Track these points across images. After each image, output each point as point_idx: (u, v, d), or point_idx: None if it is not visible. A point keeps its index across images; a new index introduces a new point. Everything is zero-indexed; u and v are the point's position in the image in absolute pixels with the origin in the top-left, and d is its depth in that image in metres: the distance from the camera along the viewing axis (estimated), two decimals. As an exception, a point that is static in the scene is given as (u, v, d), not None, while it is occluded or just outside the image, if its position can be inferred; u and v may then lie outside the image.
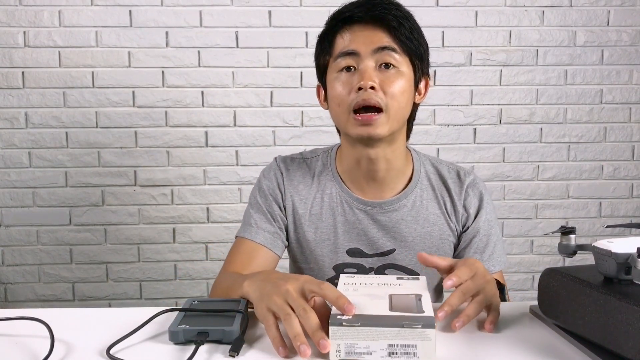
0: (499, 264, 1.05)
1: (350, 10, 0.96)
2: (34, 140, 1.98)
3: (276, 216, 1.06)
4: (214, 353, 0.67)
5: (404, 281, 0.77)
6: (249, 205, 1.10)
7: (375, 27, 0.94)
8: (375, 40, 0.93)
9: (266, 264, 1.03)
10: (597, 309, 0.64)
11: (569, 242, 0.77)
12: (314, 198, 1.06)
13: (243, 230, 1.06)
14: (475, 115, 2.07)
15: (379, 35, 0.94)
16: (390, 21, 0.93)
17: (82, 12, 1.94)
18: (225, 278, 0.98)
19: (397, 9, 0.96)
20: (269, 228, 1.05)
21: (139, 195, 2.02)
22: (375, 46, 0.93)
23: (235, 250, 1.05)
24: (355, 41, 0.94)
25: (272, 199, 1.07)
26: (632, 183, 2.14)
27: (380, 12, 0.94)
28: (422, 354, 0.62)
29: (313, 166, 1.10)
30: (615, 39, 2.06)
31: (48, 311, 0.82)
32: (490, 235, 1.05)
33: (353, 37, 0.95)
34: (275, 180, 1.08)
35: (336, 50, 0.97)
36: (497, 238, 1.06)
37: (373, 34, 0.94)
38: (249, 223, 1.06)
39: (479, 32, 2.03)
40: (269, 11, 1.98)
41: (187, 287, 2.07)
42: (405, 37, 0.95)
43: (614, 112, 2.10)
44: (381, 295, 0.71)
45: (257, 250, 1.03)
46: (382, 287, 0.74)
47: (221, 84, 2.00)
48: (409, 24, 0.96)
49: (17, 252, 2.02)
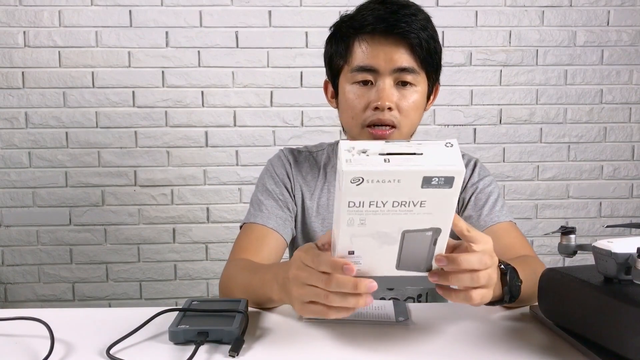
0: (504, 216, 1.01)
1: (372, 23, 0.93)
2: (34, 140, 1.98)
3: (288, 203, 1.05)
4: (214, 353, 0.67)
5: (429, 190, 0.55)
6: (257, 192, 1.07)
7: (396, 43, 0.92)
8: (395, 59, 0.92)
9: (277, 250, 1.01)
10: (597, 309, 0.64)
11: (569, 242, 0.77)
12: (321, 190, 1.07)
13: (253, 216, 1.03)
14: (475, 115, 2.07)
15: (399, 54, 0.92)
16: (412, 38, 0.92)
17: (82, 12, 1.94)
18: (238, 268, 0.94)
19: (418, 18, 0.94)
20: (281, 214, 1.03)
21: (139, 195, 2.02)
22: (395, 66, 0.92)
23: (245, 236, 1.02)
24: (375, 57, 0.93)
25: (283, 186, 1.06)
26: (632, 183, 2.14)
27: (404, 29, 0.91)
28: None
29: (319, 159, 1.10)
30: (615, 39, 2.06)
31: (48, 311, 0.82)
32: (491, 193, 1.03)
33: (373, 51, 0.93)
34: (284, 169, 1.08)
35: (354, 61, 0.95)
36: (498, 196, 1.04)
37: (393, 52, 0.92)
38: (259, 209, 1.03)
39: (479, 32, 2.03)
40: (269, 11, 1.98)
41: (187, 287, 2.07)
42: (426, 52, 0.94)
43: (614, 112, 2.10)
44: (393, 235, 0.59)
45: (268, 236, 1.00)
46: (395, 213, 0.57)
47: (221, 84, 2.00)
48: (429, 34, 0.94)
49: (17, 252, 2.02)
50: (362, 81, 0.95)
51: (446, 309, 0.85)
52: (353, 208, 0.56)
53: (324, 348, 0.70)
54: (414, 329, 0.76)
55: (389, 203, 0.56)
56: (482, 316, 0.77)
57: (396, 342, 0.71)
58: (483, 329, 0.76)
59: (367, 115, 0.94)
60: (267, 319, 0.81)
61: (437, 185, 0.55)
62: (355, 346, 0.70)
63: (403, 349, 0.69)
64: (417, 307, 0.86)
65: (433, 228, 0.59)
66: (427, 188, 0.55)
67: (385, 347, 0.70)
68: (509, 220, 1.01)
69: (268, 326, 0.77)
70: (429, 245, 0.60)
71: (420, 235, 0.59)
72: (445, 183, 0.54)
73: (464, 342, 0.71)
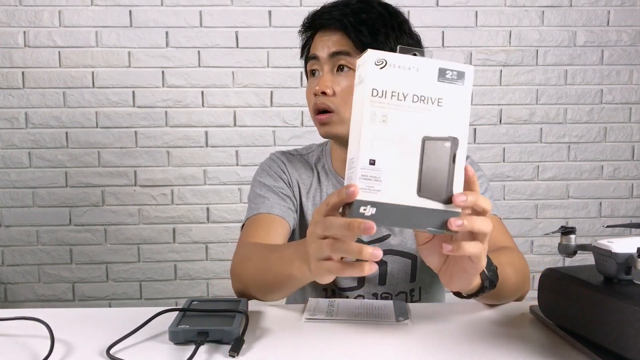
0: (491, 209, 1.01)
1: (320, 16, 0.99)
2: (34, 140, 1.98)
3: (289, 196, 1.06)
4: (214, 353, 0.67)
5: (445, 86, 0.61)
6: (255, 189, 1.07)
7: (332, 31, 0.97)
8: (330, 45, 0.96)
9: (284, 235, 1.00)
10: (597, 309, 0.64)
11: (569, 242, 0.77)
12: (315, 189, 1.08)
13: (255, 209, 1.02)
14: (475, 115, 2.07)
15: (334, 39, 0.96)
16: (344, 22, 0.95)
17: (82, 12, 1.94)
18: (252, 249, 0.91)
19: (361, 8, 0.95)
20: (283, 203, 1.03)
21: (139, 195, 2.02)
22: (330, 51, 0.96)
23: (251, 227, 1.00)
24: (316, 46, 0.99)
25: (281, 180, 1.07)
26: (632, 183, 2.14)
27: (336, 15, 0.96)
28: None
29: (310, 160, 1.12)
30: (615, 39, 2.06)
31: (48, 311, 0.82)
32: (479, 185, 1.03)
33: (316, 42, 0.99)
34: (280, 168, 1.09)
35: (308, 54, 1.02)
36: (486, 191, 1.04)
37: (329, 39, 0.97)
38: (261, 202, 1.03)
39: (479, 32, 2.03)
40: (269, 11, 1.98)
41: (187, 287, 2.07)
42: (364, 36, 0.94)
43: (614, 112, 2.10)
44: (413, 141, 0.60)
45: (275, 222, 1.00)
46: (415, 111, 0.60)
47: (221, 84, 2.00)
48: (369, 17, 0.94)
49: (17, 252, 2.02)
50: (311, 71, 1.01)
51: (446, 309, 0.85)
52: (376, 98, 0.59)
53: (324, 348, 0.70)
54: (414, 329, 0.76)
55: (409, 97, 0.60)
56: (482, 316, 0.77)
57: (396, 342, 0.71)
58: (483, 328, 0.76)
59: (313, 102, 0.99)
60: (267, 319, 0.81)
61: (451, 80, 0.61)
62: (355, 346, 0.70)
63: (403, 349, 0.69)
64: (417, 307, 0.86)
65: (451, 137, 0.61)
66: (442, 82, 0.61)
67: (385, 347, 0.70)
68: (494, 214, 1.02)
69: (268, 326, 0.77)
70: (449, 161, 0.61)
71: (440, 146, 0.61)
72: (458, 78, 0.61)
73: (463, 342, 0.71)
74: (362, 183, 0.59)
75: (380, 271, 1.04)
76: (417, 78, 0.60)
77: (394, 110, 0.60)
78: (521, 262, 0.90)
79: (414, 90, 0.60)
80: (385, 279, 1.04)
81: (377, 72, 0.59)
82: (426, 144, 0.60)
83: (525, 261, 0.93)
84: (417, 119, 0.60)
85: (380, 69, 0.59)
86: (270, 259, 0.83)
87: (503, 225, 1.03)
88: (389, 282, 1.04)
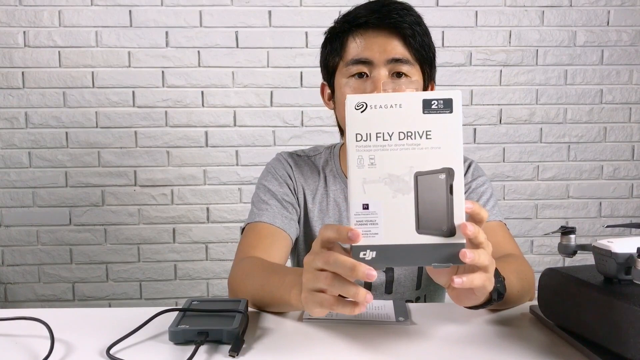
0: (494, 215, 1.01)
1: (365, 15, 0.94)
2: (34, 140, 1.98)
3: (292, 204, 1.04)
4: (214, 353, 0.67)
5: (431, 117, 0.59)
6: (259, 193, 1.05)
7: (389, 35, 0.93)
8: (389, 50, 0.93)
9: (286, 249, 0.99)
10: (597, 309, 0.64)
11: (569, 242, 0.77)
12: (322, 194, 1.06)
13: (258, 215, 1.01)
14: (475, 115, 2.07)
15: (392, 45, 0.93)
16: (405, 29, 0.92)
17: (82, 12, 1.94)
18: (253, 266, 0.89)
19: (411, 14, 0.95)
20: (286, 214, 1.02)
21: (139, 195, 2.02)
22: (389, 57, 0.93)
23: (252, 235, 0.99)
24: (369, 49, 0.93)
25: (286, 186, 1.05)
26: (632, 183, 2.14)
27: (396, 20, 0.92)
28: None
29: (317, 163, 1.10)
30: (615, 39, 2.06)
31: (48, 311, 0.82)
32: (484, 192, 1.04)
33: (367, 44, 0.94)
34: (286, 171, 1.07)
35: (348, 55, 0.96)
36: (491, 196, 1.04)
37: (387, 43, 0.93)
38: (264, 208, 1.01)
39: (479, 32, 2.03)
40: (269, 11, 1.98)
41: (187, 287, 2.07)
42: (419, 45, 0.94)
43: (614, 112, 2.10)
44: (405, 178, 0.59)
45: (276, 234, 0.99)
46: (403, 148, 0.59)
47: (221, 84, 2.00)
48: (422, 29, 0.95)
49: (17, 252, 2.02)
50: (358, 74, 0.95)
51: (446, 309, 0.85)
52: (361, 142, 0.59)
53: (324, 348, 0.70)
54: (414, 329, 0.76)
55: (395, 135, 0.59)
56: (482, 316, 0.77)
57: (396, 342, 0.71)
58: (483, 329, 0.76)
59: None
60: (267, 319, 0.81)
61: (437, 110, 0.58)
62: (355, 346, 0.70)
63: (403, 349, 0.69)
64: (417, 307, 0.86)
65: (445, 169, 0.58)
66: (428, 114, 0.59)
67: (385, 347, 0.70)
68: (499, 220, 1.01)
69: (268, 326, 0.77)
70: (446, 192, 0.59)
71: (434, 180, 0.59)
72: (445, 106, 0.58)
73: (463, 342, 0.71)
74: (358, 229, 0.58)
75: (387, 278, 1.02)
76: (401, 114, 0.59)
77: (380, 151, 0.59)
78: (526, 269, 0.89)
79: (399, 128, 0.59)
80: (392, 287, 1.03)
81: (358, 116, 0.59)
82: (419, 179, 0.59)
83: (530, 268, 0.92)
84: (406, 155, 0.59)
85: (361, 112, 0.58)
86: (270, 281, 0.81)
87: (508, 231, 1.02)
88: (395, 290, 1.03)
